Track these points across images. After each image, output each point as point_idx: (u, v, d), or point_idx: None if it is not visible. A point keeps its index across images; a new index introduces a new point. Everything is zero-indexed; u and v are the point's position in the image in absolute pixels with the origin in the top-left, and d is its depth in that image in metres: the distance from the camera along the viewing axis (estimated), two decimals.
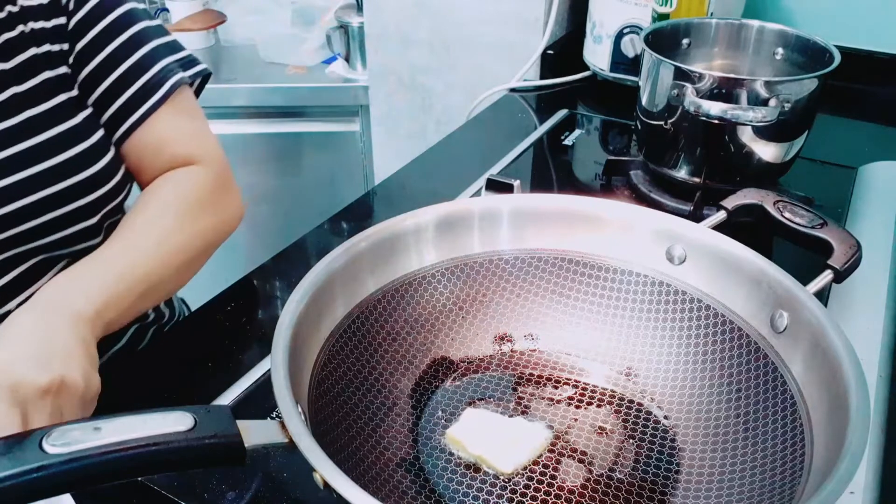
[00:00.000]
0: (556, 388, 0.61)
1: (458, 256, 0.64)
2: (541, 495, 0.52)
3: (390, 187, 1.01)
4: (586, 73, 1.28)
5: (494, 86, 1.29)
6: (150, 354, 0.72)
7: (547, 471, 0.54)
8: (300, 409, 0.44)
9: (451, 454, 0.55)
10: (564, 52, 1.30)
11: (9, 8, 0.59)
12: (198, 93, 0.72)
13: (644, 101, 0.90)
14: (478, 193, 0.91)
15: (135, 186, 0.70)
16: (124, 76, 0.64)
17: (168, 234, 0.63)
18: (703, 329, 0.60)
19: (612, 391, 0.61)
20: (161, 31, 0.69)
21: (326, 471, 0.39)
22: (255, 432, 0.43)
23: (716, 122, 0.79)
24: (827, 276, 0.59)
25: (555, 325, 0.65)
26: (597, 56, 1.22)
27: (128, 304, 0.58)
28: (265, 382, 0.64)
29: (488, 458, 0.54)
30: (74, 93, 0.63)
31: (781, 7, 1.27)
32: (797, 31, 0.91)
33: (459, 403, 0.60)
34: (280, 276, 0.81)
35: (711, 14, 1.06)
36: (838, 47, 0.84)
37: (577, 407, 0.60)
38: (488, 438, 0.55)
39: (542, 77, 1.31)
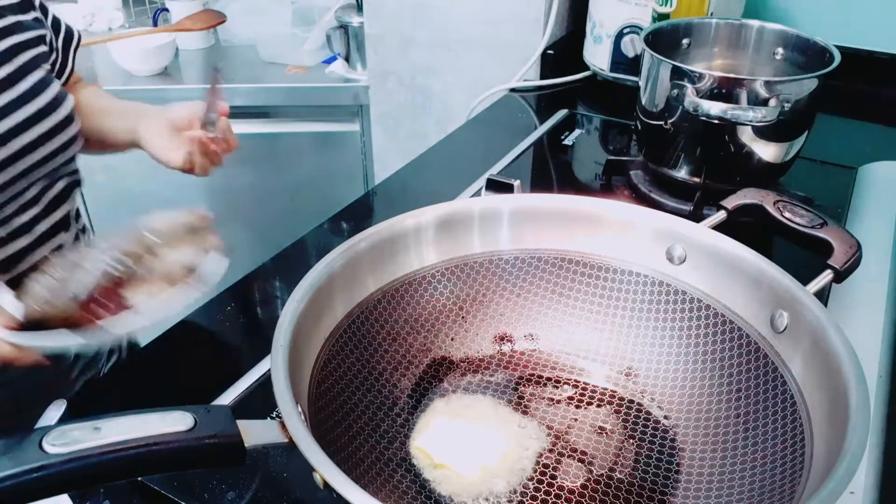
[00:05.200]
0: (556, 388, 0.61)
1: (458, 256, 0.64)
2: (541, 495, 0.52)
3: (390, 187, 1.01)
4: (586, 73, 1.28)
5: (494, 86, 1.29)
6: (151, 354, 0.72)
7: (547, 471, 0.54)
8: (300, 409, 0.44)
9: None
10: (564, 52, 1.30)
11: None
12: None
13: (644, 101, 0.90)
14: (478, 193, 0.91)
15: None
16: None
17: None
18: (703, 329, 0.60)
19: (612, 391, 0.61)
20: None
21: (326, 471, 0.39)
22: (255, 432, 0.43)
23: (716, 122, 0.80)
24: (827, 276, 0.59)
25: (555, 325, 0.65)
26: (597, 56, 1.22)
27: None
28: (265, 382, 0.64)
29: (454, 467, 0.53)
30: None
31: (781, 7, 1.27)
32: (797, 31, 0.91)
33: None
34: (280, 276, 0.81)
35: (711, 14, 1.06)
36: (838, 47, 0.84)
37: (577, 407, 0.60)
38: (454, 446, 0.55)
39: (542, 77, 1.31)
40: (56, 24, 0.89)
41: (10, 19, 0.78)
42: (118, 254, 0.64)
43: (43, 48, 0.82)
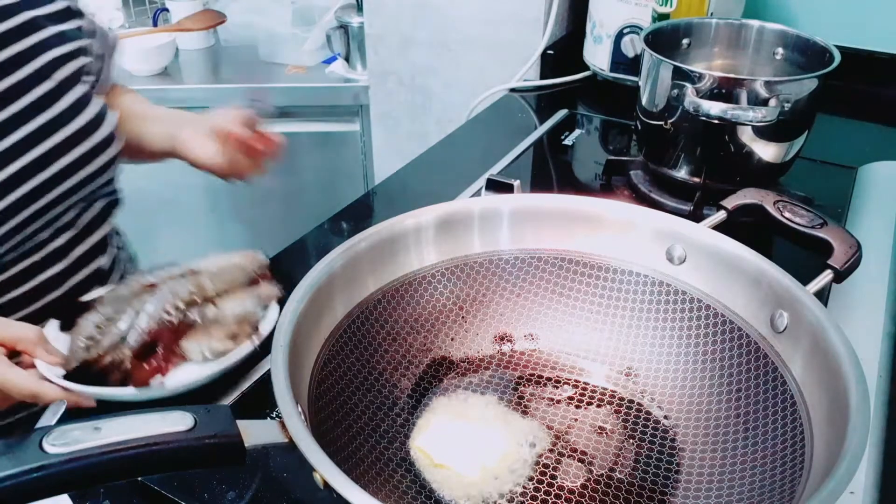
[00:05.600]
0: (556, 388, 0.61)
1: (458, 256, 0.64)
2: (541, 495, 0.52)
3: (390, 187, 1.01)
4: (586, 73, 1.28)
5: (494, 86, 1.29)
6: None
7: (547, 471, 0.54)
8: (300, 409, 0.44)
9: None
10: (564, 52, 1.30)
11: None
12: None
13: (644, 101, 0.90)
14: (478, 193, 0.91)
15: None
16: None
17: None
18: (703, 329, 0.60)
19: (612, 391, 0.61)
20: None
21: (326, 471, 0.39)
22: (255, 432, 0.43)
23: (716, 122, 0.79)
24: (827, 276, 0.59)
25: (555, 325, 0.65)
26: (597, 56, 1.22)
27: None
28: (265, 382, 0.64)
29: (454, 467, 0.53)
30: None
31: (781, 7, 1.27)
32: (797, 31, 0.91)
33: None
34: (280, 276, 0.81)
35: (711, 14, 1.06)
36: (838, 47, 0.84)
37: (577, 407, 0.60)
38: (454, 446, 0.55)
39: (542, 77, 1.31)
40: (102, 32, 0.85)
41: (51, 30, 0.74)
42: (173, 299, 0.63)
43: (84, 59, 0.78)
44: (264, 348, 0.60)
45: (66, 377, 0.59)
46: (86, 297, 0.68)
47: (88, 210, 0.79)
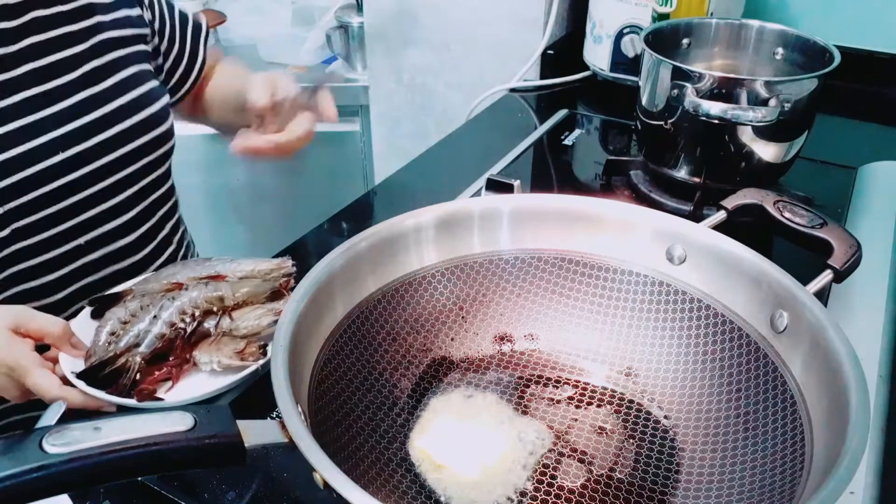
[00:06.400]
0: (556, 388, 0.61)
1: (458, 256, 0.64)
2: (541, 495, 0.52)
3: (390, 187, 1.01)
4: (586, 73, 1.28)
5: (494, 86, 1.29)
6: None
7: (547, 471, 0.54)
8: (300, 409, 0.44)
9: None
10: (564, 52, 1.30)
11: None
12: None
13: (644, 101, 0.90)
14: (478, 193, 0.91)
15: None
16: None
17: None
18: (703, 329, 0.60)
19: (612, 391, 0.61)
20: None
21: (326, 471, 0.39)
22: (255, 432, 0.43)
23: (716, 122, 0.79)
24: (827, 276, 0.59)
25: (555, 325, 0.65)
26: (597, 56, 1.22)
27: None
28: (265, 382, 0.64)
29: (454, 467, 0.53)
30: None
31: (781, 7, 1.27)
32: (797, 31, 0.91)
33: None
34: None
35: (711, 14, 1.06)
36: (838, 47, 0.84)
37: (577, 407, 0.60)
38: (454, 446, 0.55)
39: (542, 77, 1.31)
40: (184, 20, 0.89)
41: (111, 15, 0.78)
42: (190, 306, 0.63)
43: (143, 46, 0.82)
44: (265, 369, 0.60)
45: (81, 374, 0.59)
46: (117, 289, 0.70)
47: (140, 203, 0.82)
